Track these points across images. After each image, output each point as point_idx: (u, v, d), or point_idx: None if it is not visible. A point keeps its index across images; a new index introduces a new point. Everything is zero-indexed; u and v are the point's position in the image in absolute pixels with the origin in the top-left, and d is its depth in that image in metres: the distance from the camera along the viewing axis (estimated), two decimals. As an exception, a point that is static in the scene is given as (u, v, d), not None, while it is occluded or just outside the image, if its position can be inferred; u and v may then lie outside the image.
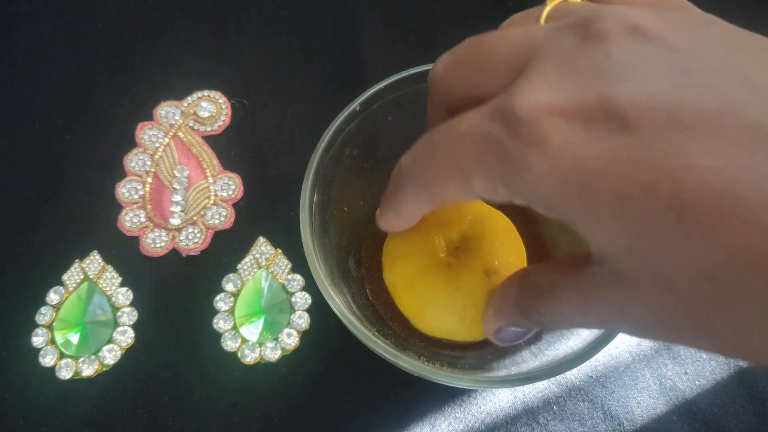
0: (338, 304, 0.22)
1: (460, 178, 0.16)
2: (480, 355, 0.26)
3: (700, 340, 0.14)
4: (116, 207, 0.33)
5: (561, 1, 0.17)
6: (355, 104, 0.26)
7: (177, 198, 0.33)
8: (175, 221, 0.33)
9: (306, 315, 0.30)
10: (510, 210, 0.28)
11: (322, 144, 0.25)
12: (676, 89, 0.13)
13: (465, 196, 0.17)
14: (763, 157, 0.11)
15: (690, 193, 0.12)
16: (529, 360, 0.23)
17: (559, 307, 0.16)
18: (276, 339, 0.30)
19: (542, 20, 0.17)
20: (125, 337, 0.30)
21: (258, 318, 0.30)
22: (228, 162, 0.35)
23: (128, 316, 0.30)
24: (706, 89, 0.12)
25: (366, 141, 0.27)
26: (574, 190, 0.13)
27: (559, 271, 0.17)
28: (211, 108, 0.36)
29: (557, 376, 0.29)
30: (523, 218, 0.28)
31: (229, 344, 0.29)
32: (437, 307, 0.24)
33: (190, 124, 0.36)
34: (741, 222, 0.11)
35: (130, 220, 0.33)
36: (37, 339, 0.29)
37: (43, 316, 0.30)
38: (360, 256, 0.29)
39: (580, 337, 0.23)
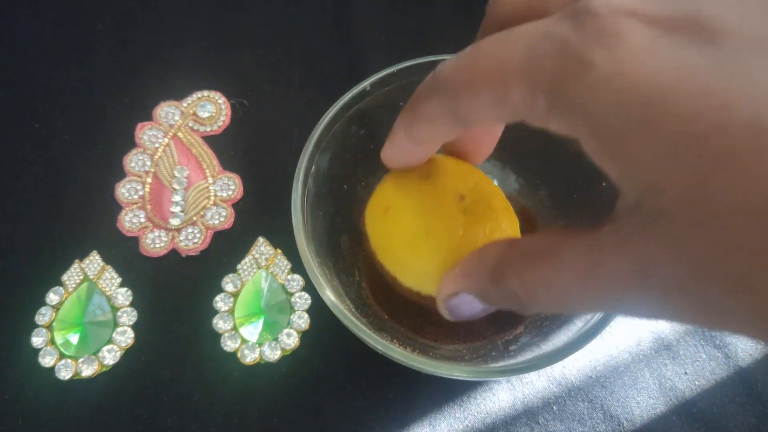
0: (315, 273, 0.22)
1: (499, 84, 0.14)
2: (455, 348, 0.26)
3: (737, 298, 0.11)
4: (116, 207, 0.33)
5: None
6: (366, 84, 0.26)
7: (177, 198, 0.33)
8: (174, 221, 0.33)
9: (306, 315, 0.30)
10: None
11: (327, 118, 0.25)
12: None
13: (496, 111, 0.14)
14: None
15: None
16: (520, 354, 0.23)
17: (555, 273, 0.14)
18: (276, 339, 0.30)
19: None
20: (125, 337, 0.30)
21: (258, 318, 0.30)
22: (228, 162, 0.35)
23: (128, 316, 0.30)
24: None
25: (374, 122, 0.27)
26: (641, 101, 0.11)
27: (562, 237, 0.14)
28: (210, 108, 0.36)
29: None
30: (524, 220, 0.28)
31: (229, 344, 0.29)
32: (408, 245, 0.21)
33: (190, 125, 0.36)
34: None
35: (130, 221, 0.33)
36: (37, 339, 0.29)
37: (43, 316, 0.30)
38: (354, 235, 0.28)
39: (567, 331, 0.22)
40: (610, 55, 0.12)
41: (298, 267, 0.32)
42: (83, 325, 0.30)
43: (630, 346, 0.30)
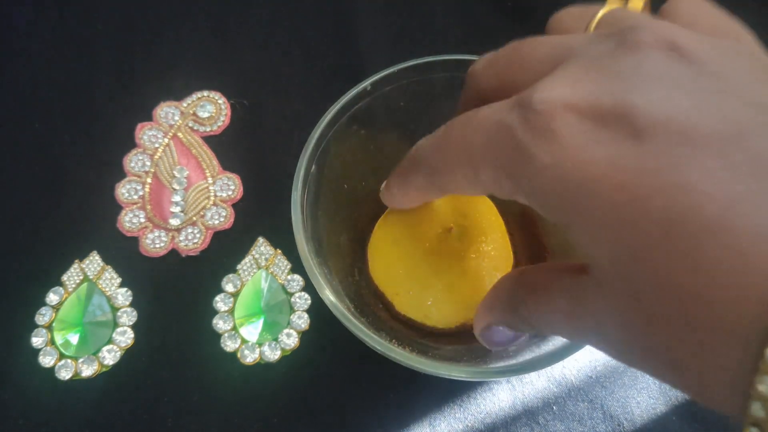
0: (315, 273, 0.22)
1: (469, 165, 0.16)
2: (455, 348, 0.26)
3: (661, 368, 0.13)
4: (116, 207, 0.33)
5: (617, 7, 0.17)
6: (366, 83, 0.26)
7: (176, 198, 0.33)
8: (174, 222, 0.33)
9: (306, 315, 0.30)
10: (510, 211, 0.28)
11: (327, 118, 0.25)
12: (694, 109, 0.12)
13: (472, 188, 0.17)
14: (759, 188, 0.11)
15: (682, 213, 0.12)
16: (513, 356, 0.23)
17: (549, 309, 0.16)
18: (275, 339, 0.30)
19: (592, 27, 0.17)
20: (125, 337, 0.30)
21: (257, 318, 0.30)
22: (227, 162, 0.35)
23: (128, 316, 0.30)
24: (723, 114, 0.12)
25: (375, 122, 0.27)
26: (573, 190, 0.13)
27: (556, 273, 0.17)
28: (210, 108, 0.36)
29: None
30: (524, 221, 0.28)
31: (229, 345, 0.29)
32: (408, 281, 0.24)
33: (190, 125, 0.36)
34: (720, 248, 0.11)
35: (130, 221, 0.33)
36: (37, 339, 0.29)
37: (43, 316, 0.30)
38: (354, 235, 0.28)
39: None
40: (547, 149, 0.14)
41: (298, 267, 0.32)
42: (83, 325, 0.30)
43: (630, 346, 0.30)
